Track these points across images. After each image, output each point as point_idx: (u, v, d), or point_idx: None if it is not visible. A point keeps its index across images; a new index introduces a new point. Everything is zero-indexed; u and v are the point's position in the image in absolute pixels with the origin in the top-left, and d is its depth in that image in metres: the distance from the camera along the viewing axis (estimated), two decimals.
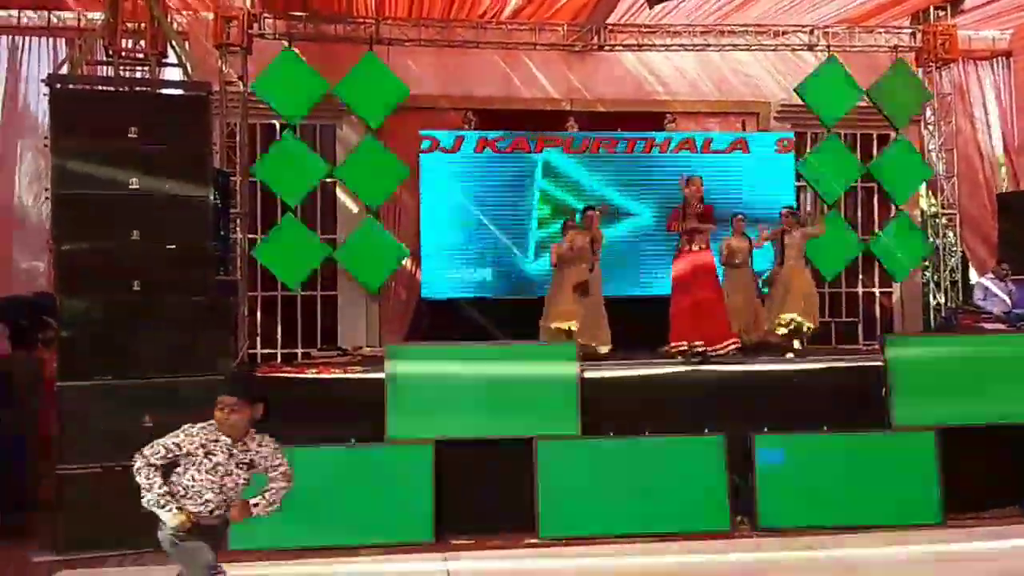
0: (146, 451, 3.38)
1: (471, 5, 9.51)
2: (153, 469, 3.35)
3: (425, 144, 9.72)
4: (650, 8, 8.77)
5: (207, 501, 3.41)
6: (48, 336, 6.77)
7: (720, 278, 7.60)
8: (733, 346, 6.94)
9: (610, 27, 9.91)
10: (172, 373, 5.32)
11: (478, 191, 9.77)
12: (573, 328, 7.24)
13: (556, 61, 10.29)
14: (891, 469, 5.76)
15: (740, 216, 8.40)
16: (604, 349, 7.41)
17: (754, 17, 9.91)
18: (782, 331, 7.66)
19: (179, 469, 3.42)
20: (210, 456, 3.40)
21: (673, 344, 6.88)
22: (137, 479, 3.36)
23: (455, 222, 9.74)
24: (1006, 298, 9.26)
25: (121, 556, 5.08)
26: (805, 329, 7.67)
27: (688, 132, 10.29)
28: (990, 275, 9.54)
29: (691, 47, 10.11)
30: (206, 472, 3.40)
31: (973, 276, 11.16)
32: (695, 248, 7.15)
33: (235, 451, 3.47)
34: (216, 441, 3.43)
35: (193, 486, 3.40)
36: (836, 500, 5.68)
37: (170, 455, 3.38)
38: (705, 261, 7.18)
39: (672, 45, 10.06)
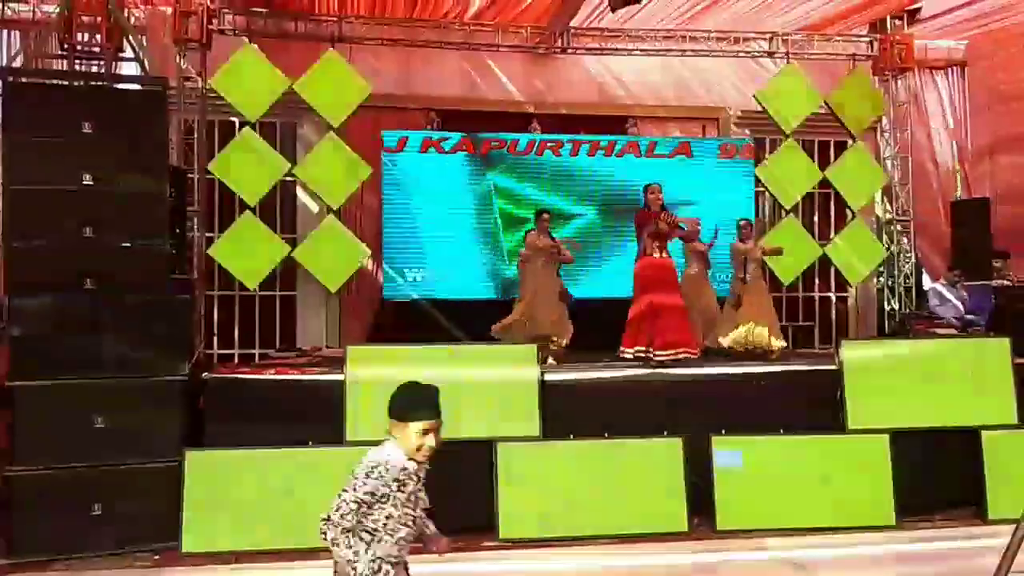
0: (334, 517, 2.82)
1: (434, 5, 9.47)
2: (351, 535, 2.82)
3: (387, 144, 9.66)
4: (613, 12, 8.79)
5: (402, 539, 2.94)
6: None
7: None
8: (684, 354, 6.93)
9: (573, 30, 9.95)
10: (126, 373, 5.22)
11: (440, 191, 9.74)
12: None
13: (519, 63, 10.31)
14: (846, 471, 5.84)
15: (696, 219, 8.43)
16: (564, 341, 7.49)
17: (716, 23, 10.01)
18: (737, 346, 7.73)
19: (363, 509, 2.86)
20: (403, 488, 2.92)
21: (625, 348, 6.94)
22: (338, 552, 2.82)
23: (417, 222, 9.70)
24: (959, 303, 9.45)
25: (70, 560, 4.96)
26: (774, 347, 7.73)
27: (633, 136, 10.34)
28: (943, 281, 9.72)
29: (653, 52, 10.18)
30: (402, 506, 2.92)
31: (927, 282, 11.37)
32: (658, 255, 7.16)
33: (421, 474, 3.05)
34: (405, 469, 2.95)
35: (388, 524, 2.90)
36: (792, 502, 5.73)
37: (364, 507, 2.84)
38: (668, 266, 7.22)
39: (634, 50, 10.13)
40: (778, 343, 7.75)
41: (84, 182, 5.17)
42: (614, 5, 8.35)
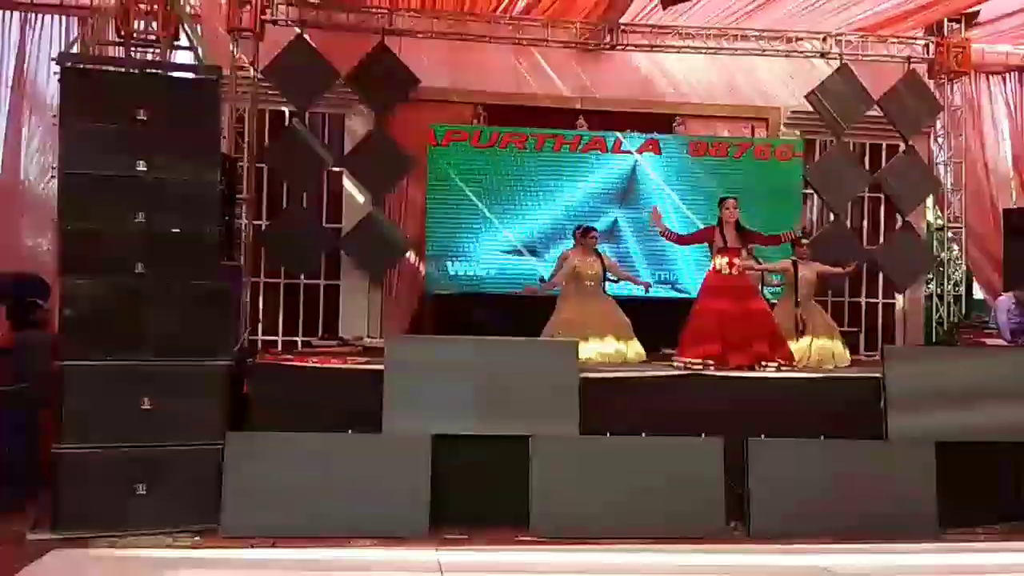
0: None
1: None
2: None
3: (434, 137, 9.70)
4: (664, 9, 8.74)
5: None
6: (37, 317, 6.82)
7: None
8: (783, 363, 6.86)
9: (623, 27, 9.89)
10: (172, 357, 5.31)
11: (485, 186, 9.75)
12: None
13: (568, 59, 10.27)
14: (887, 481, 5.75)
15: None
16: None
17: (767, 22, 9.89)
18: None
19: None
20: None
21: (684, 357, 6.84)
22: None
23: (461, 217, 9.72)
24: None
25: (113, 537, 5.07)
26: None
27: (680, 135, 10.27)
28: (1013, 298, 9.39)
29: (703, 50, 10.08)
30: None
31: (977, 291, 11.15)
32: (732, 272, 7.07)
33: None
34: None
35: None
36: (830, 509, 5.65)
37: None
38: (742, 280, 7.14)
39: (684, 47, 10.05)
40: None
41: (138, 168, 5.26)
42: (665, 2, 8.31)
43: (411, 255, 9.93)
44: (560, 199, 9.75)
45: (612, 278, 7.91)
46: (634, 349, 7.53)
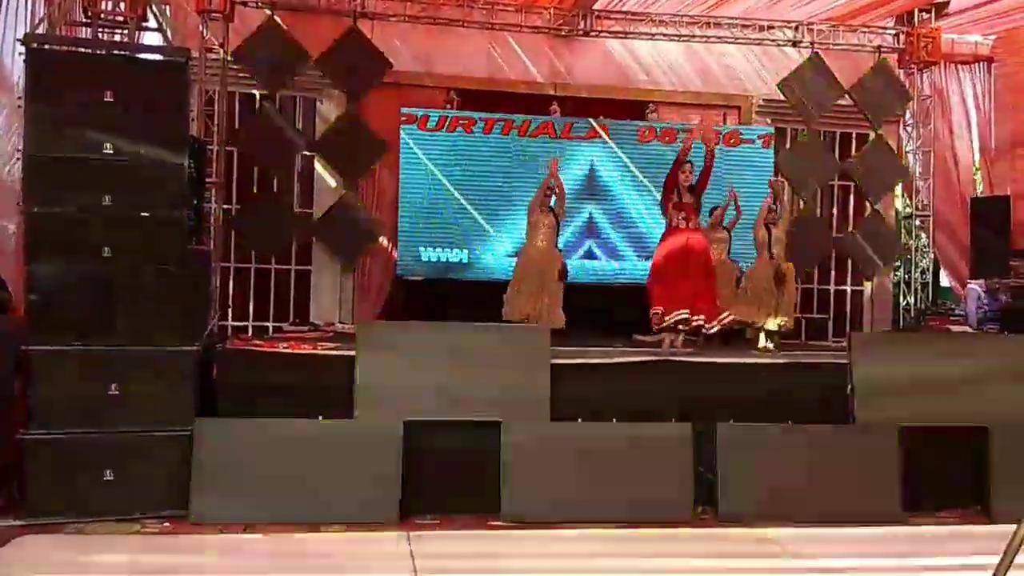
0: None
1: None
2: None
3: (406, 121, 9.66)
4: None
5: None
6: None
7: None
8: (729, 319, 7.08)
9: (597, 13, 9.90)
10: (141, 342, 5.26)
11: (458, 171, 9.74)
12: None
13: (541, 44, 10.27)
14: (852, 465, 5.82)
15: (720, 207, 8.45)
16: (558, 325, 7.49)
17: (740, 11, 9.93)
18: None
19: None
20: None
21: (660, 309, 6.98)
22: None
23: (434, 202, 9.73)
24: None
25: (82, 523, 5.04)
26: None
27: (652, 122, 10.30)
28: (984, 286, 9.54)
29: (676, 37, 10.12)
30: None
31: (944, 279, 11.32)
32: (684, 225, 7.23)
33: None
34: None
35: None
36: (798, 493, 5.72)
37: None
38: (699, 238, 7.26)
39: (657, 34, 10.07)
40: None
41: (104, 151, 5.18)
42: None
43: (383, 240, 9.90)
44: (531, 184, 9.71)
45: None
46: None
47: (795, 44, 10.19)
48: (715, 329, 7.01)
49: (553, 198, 7.95)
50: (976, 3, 9.69)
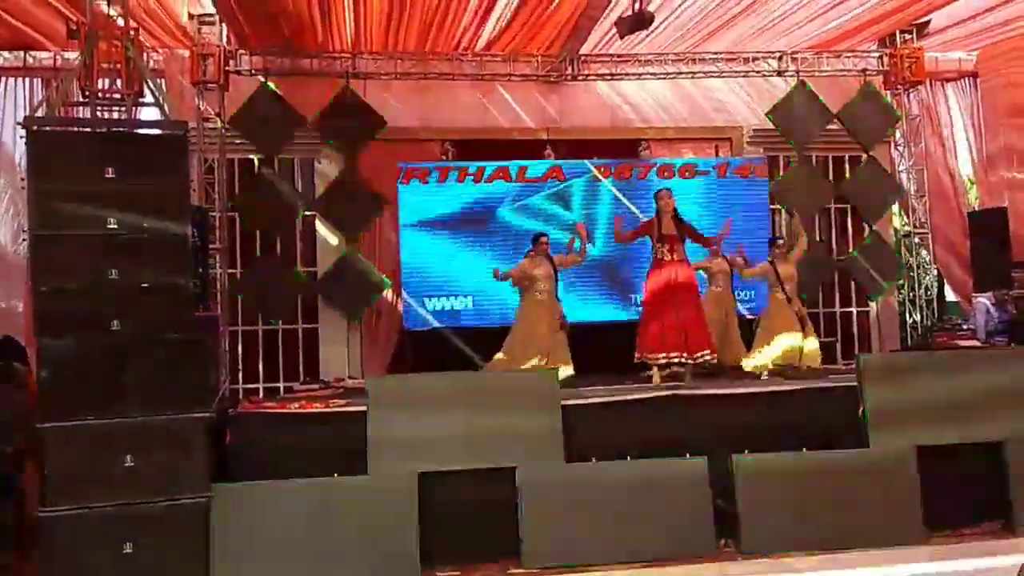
0: None
1: (446, 37, 9.60)
2: None
3: (403, 175, 9.77)
4: (621, 38, 8.89)
5: None
6: (21, 379, 6.80)
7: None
8: (709, 356, 7.07)
9: (583, 57, 10.07)
10: (153, 412, 5.28)
11: (457, 221, 9.82)
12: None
13: (531, 91, 10.42)
14: (872, 489, 5.79)
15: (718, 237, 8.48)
16: (567, 372, 7.45)
17: (725, 44, 10.09)
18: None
19: None
20: None
21: (646, 353, 6.98)
22: None
23: (435, 252, 9.78)
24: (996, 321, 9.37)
25: None
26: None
27: (646, 159, 10.37)
28: (992, 298, 9.55)
29: (663, 75, 10.27)
30: None
31: (949, 294, 11.33)
32: (670, 258, 7.25)
33: None
34: None
35: None
36: (819, 521, 5.69)
37: None
38: (685, 274, 7.27)
39: (644, 74, 10.23)
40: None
41: (108, 226, 5.27)
42: (622, 31, 8.45)
43: (388, 293, 9.96)
44: (529, 227, 9.77)
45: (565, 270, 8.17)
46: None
47: (780, 73, 10.33)
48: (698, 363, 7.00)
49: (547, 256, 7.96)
50: (956, 21, 9.83)
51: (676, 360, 6.91)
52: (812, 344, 8.07)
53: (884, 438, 5.93)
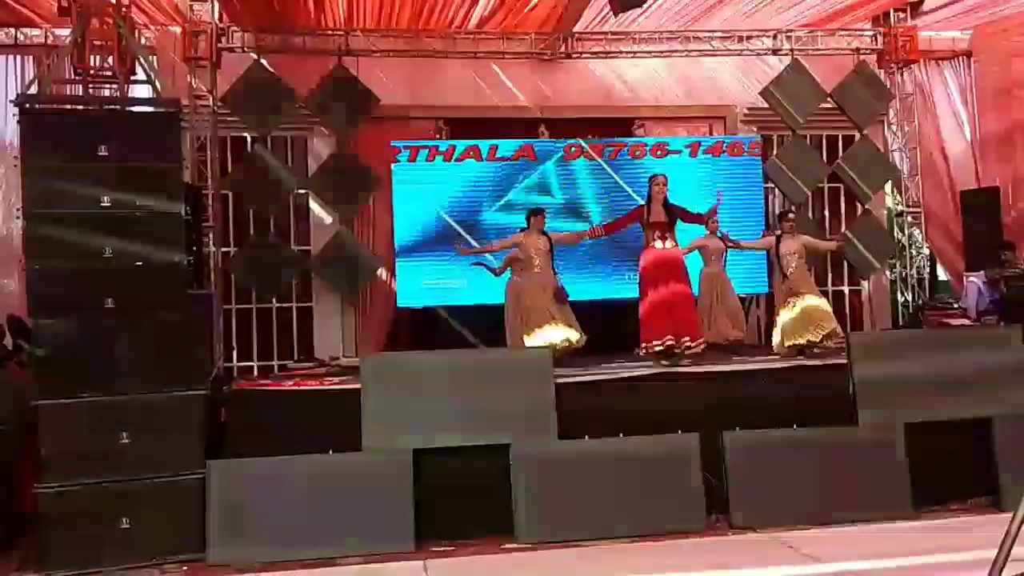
0: None
1: (439, 15, 9.57)
2: None
3: (396, 153, 9.75)
4: (616, 16, 8.88)
5: None
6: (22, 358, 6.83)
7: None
8: (703, 345, 7.10)
9: (577, 35, 10.05)
10: (148, 389, 5.33)
11: (451, 199, 9.82)
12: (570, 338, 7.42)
13: (525, 69, 10.40)
14: (861, 465, 5.86)
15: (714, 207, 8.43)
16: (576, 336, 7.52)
17: (719, 22, 10.07)
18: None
19: None
20: None
21: (645, 344, 7.00)
22: None
23: (429, 231, 9.79)
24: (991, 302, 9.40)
25: (100, 573, 5.07)
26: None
27: (640, 138, 10.36)
28: (984, 278, 9.57)
29: (658, 53, 10.26)
30: None
31: (941, 273, 11.39)
32: (661, 244, 7.23)
33: None
34: None
35: None
36: (809, 496, 5.77)
37: None
38: (672, 256, 7.25)
39: (639, 52, 10.21)
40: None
41: (102, 204, 5.28)
42: (616, 9, 8.43)
43: (382, 271, 9.98)
44: (521, 206, 9.75)
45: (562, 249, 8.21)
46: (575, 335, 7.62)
47: (775, 52, 10.32)
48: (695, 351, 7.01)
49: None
50: (949, 0, 9.82)
51: (671, 346, 6.90)
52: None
53: (872, 415, 6.00)
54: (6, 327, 7.18)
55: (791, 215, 8.36)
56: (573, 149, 10.07)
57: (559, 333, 7.40)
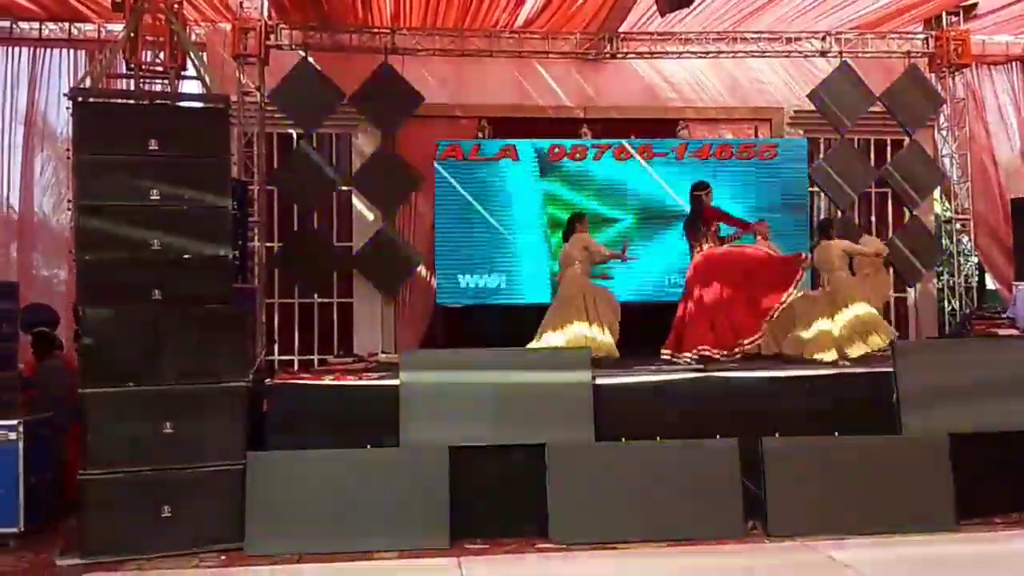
0: None
1: (485, 14, 9.59)
2: None
3: (440, 152, 9.79)
4: (662, 16, 8.82)
5: None
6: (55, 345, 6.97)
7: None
8: (748, 345, 7.00)
9: (622, 35, 10.01)
10: (191, 381, 5.41)
11: (492, 198, 9.83)
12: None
13: (569, 69, 10.38)
14: (903, 475, 5.76)
15: (764, 221, 8.33)
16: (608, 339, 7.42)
17: (766, 24, 9.96)
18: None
19: None
20: None
21: (686, 347, 6.95)
22: None
23: (470, 229, 9.80)
24: None
25: (141, 560, 5.16)
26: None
27: (684, 139, 10.25)
28: None
29: (703, 54, 10.17)
30: None
31: (989, 282, 11.16)
32: (710, 247, 7.22)
33: None
34: None
35: None
36: (848, 506, 5.67)
37: None
38: (720, 255, 7.21)
39: (684, 52, 10.14)
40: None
41: (151, 197, 5.37)
42: (663, 9, 8.38)
43: (422, 269, 10.02)
44: (567, 208, 9.72)
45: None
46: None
47: (823, 54, 10.18)
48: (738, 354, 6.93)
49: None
50: (1005, 3, 9.62)
51: (708, 351, 6.85)
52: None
53: (916, 424, 5.90)
54: (73, 315, 7.32)
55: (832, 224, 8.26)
56: (615, 150, 9.98)
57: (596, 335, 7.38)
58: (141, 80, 6.59)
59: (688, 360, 6.87)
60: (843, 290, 7.64)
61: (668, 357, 7.05)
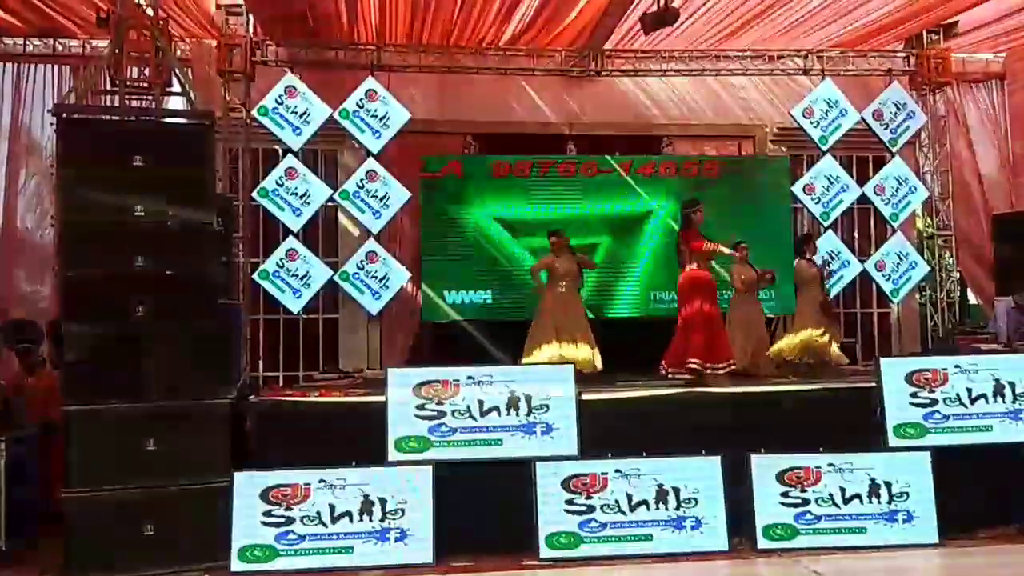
0: None
1: (471, 31, 9.64)
2: None
3: (425, 168, 9.79)
4: (646, 34, 8.89)
5: None
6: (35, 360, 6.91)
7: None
8: (732, 366, 7.07)
9: (607, 53, 10.06)
10: (175, 397, 5.37)
11: (477, 214, 9.83)
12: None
13: (555, 86, 10.43)
14: (887, 489, 5.79)
15: (743, 244, 8.43)
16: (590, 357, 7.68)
17: (750, 42, 10.05)
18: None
19: None
20: None
21: (672, 363, 7.00)
22: None
23: (455, 245, 9.80)
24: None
25: None
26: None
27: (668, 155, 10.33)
28: (1014, 302, 9.46)
29: (687, 72, 10.25)
30: None
31: (972, 297, 11.25)
32: (703, 267, 7.28)
33: None
34: None
35: None
36: (832, 520, 5.70)
37: None
38: (707, 277, 7.27)
39: (668, 70, 10.21)
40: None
41: (135, 213, 5.35)
42: (647, 27, 8.45)
43: (408, 285, 10.00)
44: (550, 224, 9.72)
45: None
46: (596, 357, 7.81)
47: (806, 72, 10.28)
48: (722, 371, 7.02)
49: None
50: (984, 22, 9.75)
51: (696, 367, 6.91)
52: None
53: (900, 439, 5.93)
54: (48, 331, 7.27)
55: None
56: (603, 167, 10.02)
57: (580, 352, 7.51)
58: (126, 96, 6.56)
59: (677, 375, 6.91)
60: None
61: (664, 372, 7.09)
